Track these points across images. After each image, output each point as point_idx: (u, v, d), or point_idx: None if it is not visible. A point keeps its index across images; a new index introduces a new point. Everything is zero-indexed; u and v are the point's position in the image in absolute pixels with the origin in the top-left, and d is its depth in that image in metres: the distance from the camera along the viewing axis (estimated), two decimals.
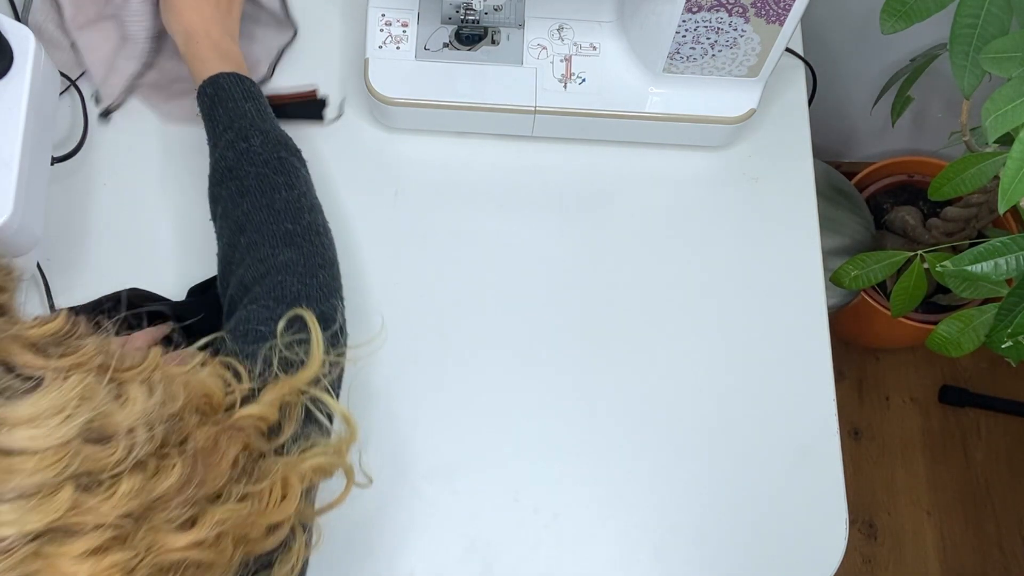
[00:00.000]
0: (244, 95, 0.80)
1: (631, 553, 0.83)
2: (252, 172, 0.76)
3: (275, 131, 0.80)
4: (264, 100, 0.82)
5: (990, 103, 0.75)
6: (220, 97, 0.79)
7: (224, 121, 0.78)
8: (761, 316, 0.91)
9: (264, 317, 0.68)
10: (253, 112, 0.79)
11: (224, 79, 0.80)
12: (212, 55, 0.81)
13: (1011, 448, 1.65)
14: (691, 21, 0.81)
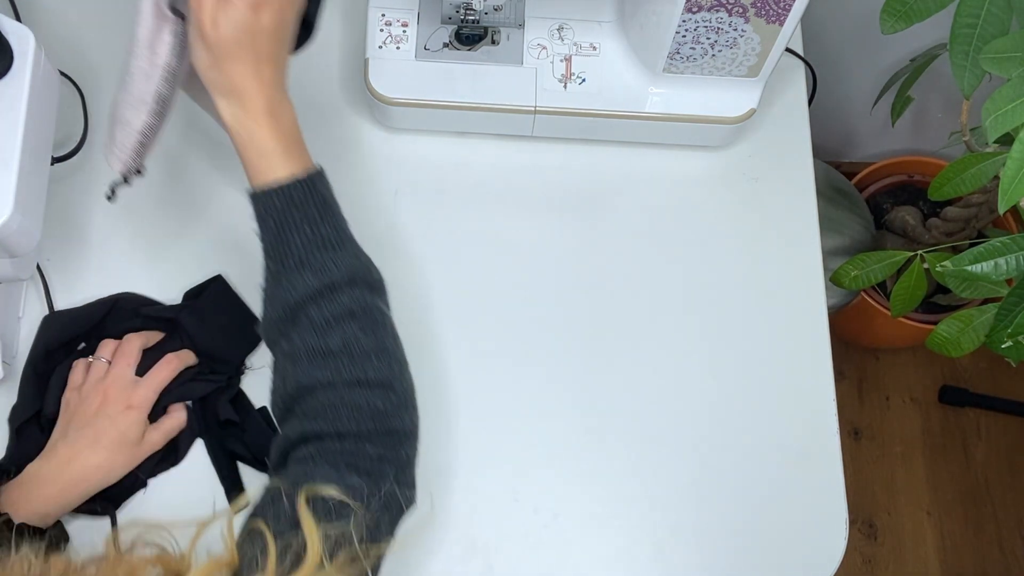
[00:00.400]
0: (320, 212, 0.65)
1: (631, 553, 0.83)
2: (338, 334, 0.64)
3: (358, 264, 0.67)
4: (338, 208, 0.68)
5: (990, 103, 0.75)
6: (292, 219, 0.64)
7: (297, 253, 0.64)
8: (761, 316, 0.91)
9: (328, 477, 0.60)
10: (333, 238, 0.65)
11: (297, 192, 0.64)
12: (273, 141, 0.65)
13: (1011, 448, 1.65)
14: (691, 21, 0.81)
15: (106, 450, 0.75)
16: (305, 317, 0.64)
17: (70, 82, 0.92)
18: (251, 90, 0.64)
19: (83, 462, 0.75)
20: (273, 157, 0.65)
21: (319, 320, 0.63)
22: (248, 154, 0.66)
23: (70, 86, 0.92)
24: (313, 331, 0.64)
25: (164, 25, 0.68)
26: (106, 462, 0.76)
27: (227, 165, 0.93)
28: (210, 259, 0.90)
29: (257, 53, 0.64)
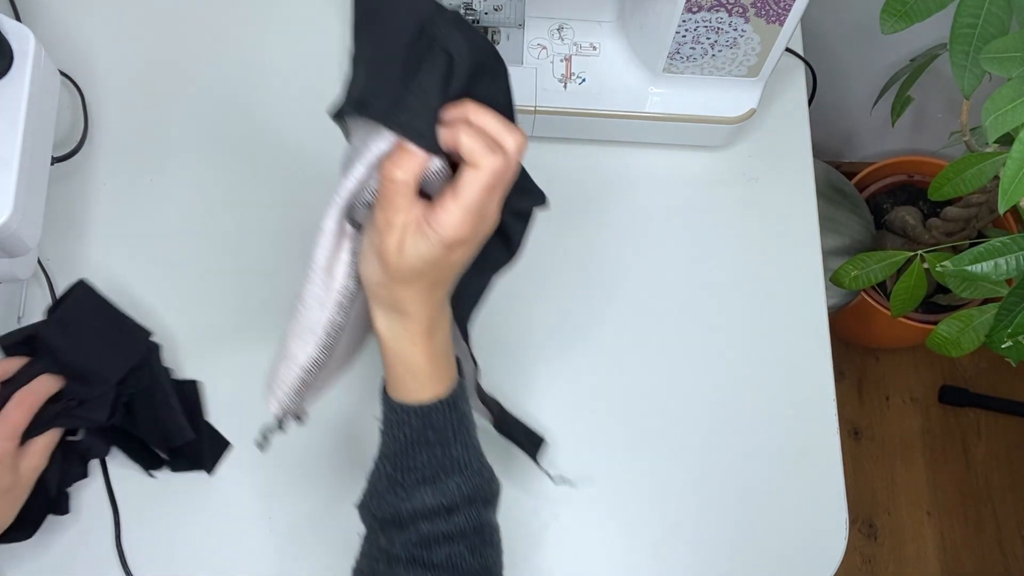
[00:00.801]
0: (455, 432, 0.62)
1: (631, 553, 0.83)
2: (445, 550, 0.61)
3: (480, 481, 0.63)
4: (472, 420, 0.65)
5: (990, 103, 0.75)
6: (425, 439, 0.62)
7: (422, 470, 0.61)
8: (761, 316, 0.91)
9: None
10: (462, 460, 0.62)
11: (437, 413, 0.62)
12: (425, 360, 0.61)
13: (1011, 448, 1.65)
14: (691, 21, 0.81)
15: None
16: (414, 529, 0.61)
17: (70, 82, 0.92)
18: (416, 312, 0.60)
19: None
20: (421, 377, 0.61)
21: (428, 535, 0.61)
22: (396, 367, 0.62)
23: (70, 86, 0.92)
24: (420, 544, 0.61)
25: (343, 243, 0.64)
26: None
27: (228, 166, 0.93)
28: (209, 258, 0.90)
29: (434, 281, 0.59)
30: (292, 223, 0.92)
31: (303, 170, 0.94)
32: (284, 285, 0.89)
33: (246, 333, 0.88)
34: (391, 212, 0.56)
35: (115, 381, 0.78)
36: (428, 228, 0.55)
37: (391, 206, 0.56)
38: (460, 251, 0.57)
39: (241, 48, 0.97)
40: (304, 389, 0.66)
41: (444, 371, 0.63)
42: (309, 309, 0.64)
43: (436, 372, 0.62)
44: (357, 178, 0.60)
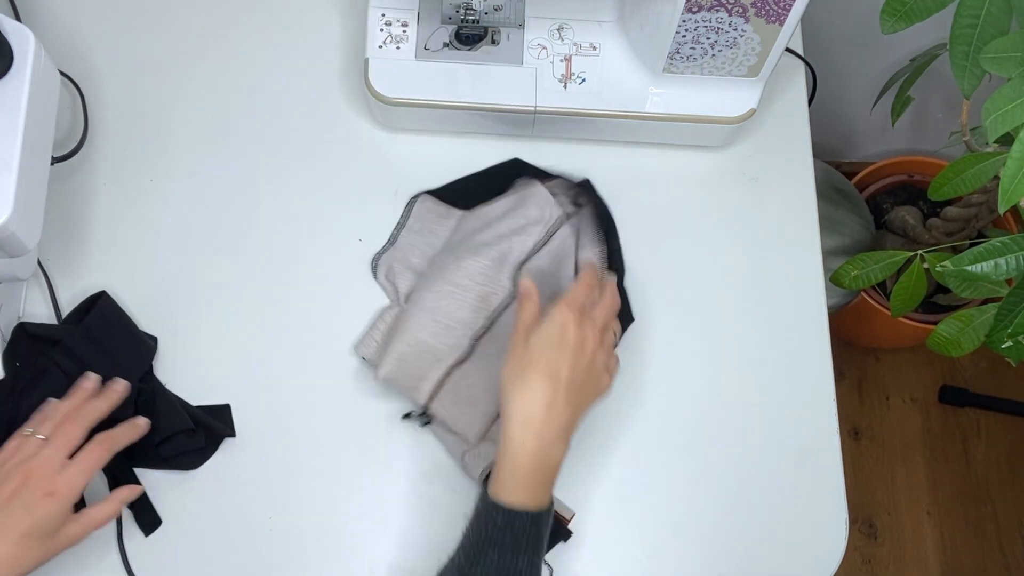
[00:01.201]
0: (526, 546, 0.68)
1: (631, 553, 0.83)
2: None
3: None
4: (543, 545, 0.70)
5: (990, 103, 0.74)
6: (502, 540, 0.67)
7: (490, 566, 0.67)
8: (761, 316, 0.91)
9: None
10: (525, 572, 0.68)
11: (520, 521, 0.67)
12: (529, 469, 0.68)
13: (1011, 448, 1.65)
14: (691, 21, 0.81)
15: (14, 542, 0.65)
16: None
17: (70, 82, 0.92)
18: (537, 419, 0.68)
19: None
20: (521, 482, 0.68)
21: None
22: (503, 463, 0.69)
23: (70, 86, 0.92)
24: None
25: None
26: (11, 556, 0.65)
27: (228, 166, 0.93)
28: (210, 258, 0.90)
29: (559, 382, 0.69)
30: (292, 222, 0.92)
31: (303, 170, 0.94)
32: (284, 284, 0.89)
33: (246, 333, 0.88)
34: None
35: (131, 386, 0.81)
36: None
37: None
38: (572, 330, 0.69)
39: (241, 48, 0.97)
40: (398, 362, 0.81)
41: (541, 490, 0.69)
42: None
43: (533, 485, 0.68)
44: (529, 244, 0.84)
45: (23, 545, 0.66)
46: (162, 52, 0.97)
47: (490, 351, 0.83)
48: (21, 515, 0.66)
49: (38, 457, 0.69)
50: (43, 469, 0.68)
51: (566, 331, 0.69)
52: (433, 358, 0.82)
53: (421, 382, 0.82)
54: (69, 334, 0.82)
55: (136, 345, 0.84)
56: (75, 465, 0.69)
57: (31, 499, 0.67)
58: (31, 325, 0.84)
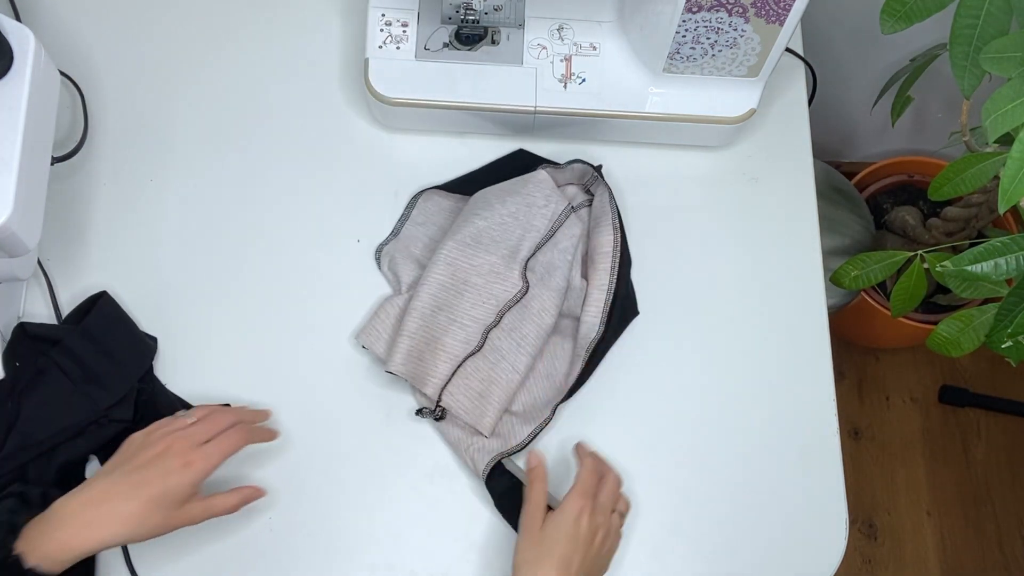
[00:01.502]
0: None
1: (631, 553, 0.83)
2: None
3: None
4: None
5: (990, 103, 0.74)
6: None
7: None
8: (761, 316, 0.91)
9: None
10: None
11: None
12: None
13: (1011, 448, 1.65)
14: (691, 21, 0.81)
15: (143, 503, 0.68)
16: None
17: (70, 82, 0.92)
18: None
19: (113, 507, 0.68)
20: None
21: None
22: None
23: (70, 86, 0.92)
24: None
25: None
26: (140, 514, 0.68)
27: (228, 165, 0.93)
28: (210, 258, 0.90)
29: (570, 572, 0.72)
30: (292, 222, 0.92)
31: (303, 170, 0.94)
32: (283, 284, 0.89)
33: (246, 333, 0.88)
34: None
35: (131, 386, 0.82)
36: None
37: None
38: (585, 521, 0.73)
39: (241, 48, 0.97)
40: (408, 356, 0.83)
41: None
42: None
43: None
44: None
45: (149, 508, 0.68)
46: (162, 52, 0.97)
47: (500, 345, 0.84)
48: (156, 479, 0.69)
49: (183, 431, 0.73)
50: (184, 442, 0.72)
51: (579, 523, 0.74)
52: (445, 353, 0.83)
53: (430, 376, 0.82)
54: (69, 334, 0.82)
55: (136, 345, 0.84)
56: (213, 445, 0.73)
57: (168, 466, 0.70)
58: (31, 325, 0.84)
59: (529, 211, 0.87)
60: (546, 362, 0.87)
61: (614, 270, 0.87)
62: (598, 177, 0.90)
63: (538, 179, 0.89)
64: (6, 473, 0.77)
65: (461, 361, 0.83)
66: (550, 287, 0.86)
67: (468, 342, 0.83)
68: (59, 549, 0.66)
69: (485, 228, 0.86)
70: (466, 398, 0.82)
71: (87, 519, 0.67)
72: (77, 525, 0.67)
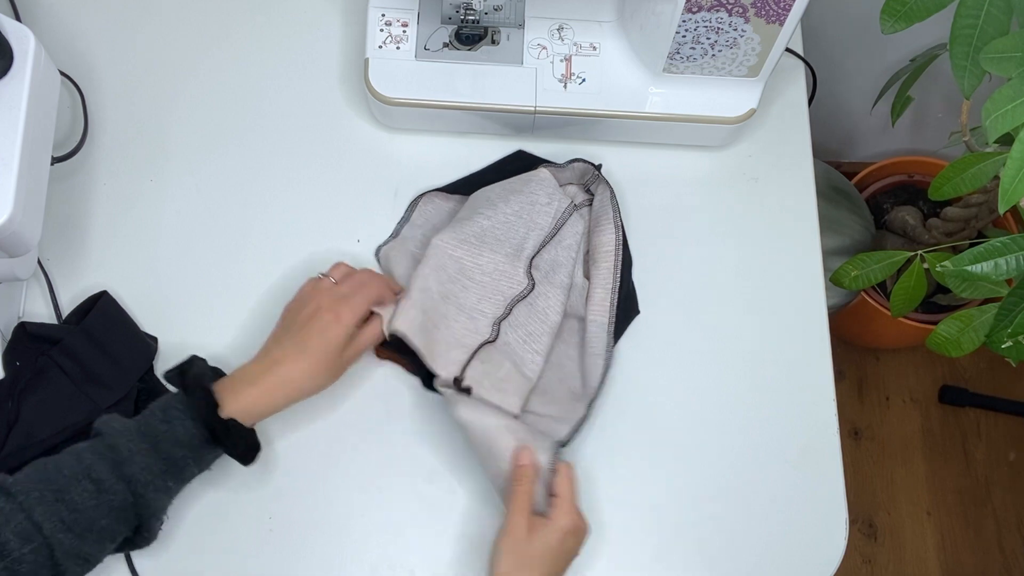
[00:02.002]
0: None
1: (631, 553, 0.83)
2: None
3: None
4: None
5: (990, 103, 0.74)
6: None
7: None
8: (761, 316, 0.91)
9: None
10: None
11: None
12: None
13: (1011, 448, 1.65)
14: (691, 21, 0.81)
15: (312, 357, 0.76)
16: None
17: (70, 82, 0.92)
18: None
19: (290, 366, 0.76)
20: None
21: None
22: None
23: (70, 86, 0.92)
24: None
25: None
26: (311, 368, 0.76)
27: (228, 166, 0.93)
28: (210, 258, 0.90)
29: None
30: (292, 222, 0.92)
31: (303, 170, 0.94)
32: (284, 284, 0.89)
33: (246, 333, 0.88)
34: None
35: (131, 386, 0.82)
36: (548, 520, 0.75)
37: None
38: (571, 540, 0.75)
39: (241, 48, 0.98)
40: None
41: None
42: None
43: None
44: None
45: (317, 362, 0.76)
46: (162, 52, 0.97)
47: (509, 340, 0.84)
48: (315, 336, 0.77)
49: (328, 291, 0.80)
50: (331, 298, 0.79)
51: (568, 541, 0.75)
52: (456, 340, 0.83)
53: (441, 359, 0.82)
54: (69, 334, 0.82)
55: (136, 345, 0.84)
56: (356, 296, 0.80)
57: (323, 322, 0.77)
58: (31, 325, 0.84)
59: (532, 209, 0.87)
60: (555, 365, 0.86)
61: (617, 268, 0.87)
62: (599, 176, 0.90)
63: (540, 177, 0.89)
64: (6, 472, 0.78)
65: (475, 350, 0.83)
66: (555, 284, 0.86)
67: (479, 332, 0.84)
68: (252, 404, 0.74)
69: (489, 227, 0.86)
70: (488, 382, 0.82)
71: (272, 380, 0.75)
72: (264, 385, 0.75)
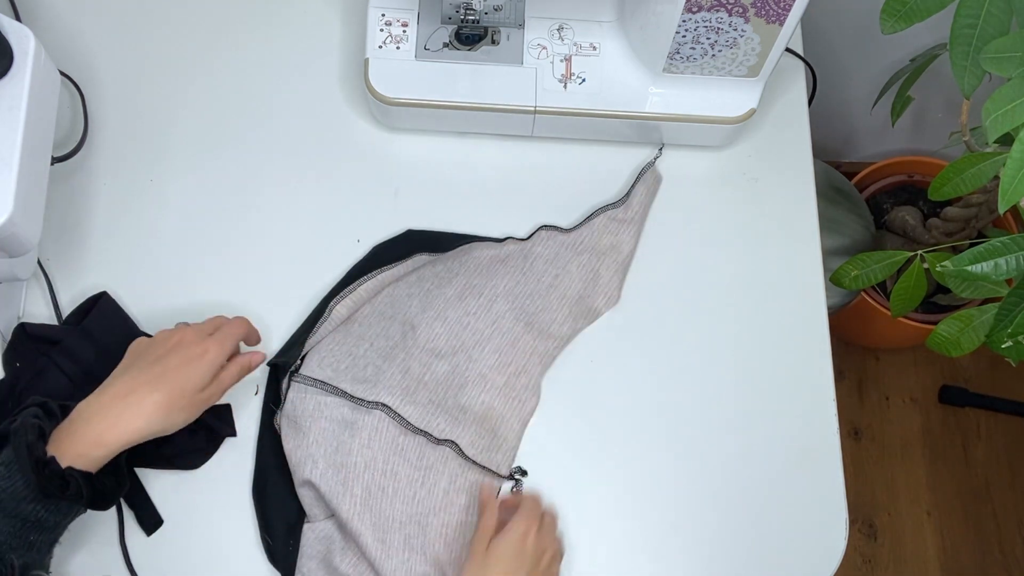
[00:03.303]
0: None
1: (631, 553, 0.83)
2: None
3: None
4: None
5: (990, 103, 0.74)
6: None
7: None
8: (761, 316, 0.91)
9: None
10: None
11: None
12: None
13: (1011, 448, 1.65)
14: (691, 21, 0.81)
15: (167, 390, 0.70)
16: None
17: (70, 82, 0.92)
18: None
19: (140, 398, 0.69)
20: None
21: None
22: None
23: (70, 86, 0.92)
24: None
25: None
26: (166, 402, 0.70)
27: (228, 166, 0.93)
28: (210, 258, 0.90)
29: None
30: (292, 222, 0.92)
31: (303, 170, 0.94)
32: (283, 284, 0.89)
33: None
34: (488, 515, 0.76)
35: None
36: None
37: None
38: (533, 539, 0.75)
39: (241, 48, 0.98)
40: None
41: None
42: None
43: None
44: None
45: (174, 396, 0.71)
46: (162, 52, 0.97)
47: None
48: (177, 368, 0.72)
49: (190, 328, 0.76)
50: (195, 334, 0.75)
51: (525, 540, 0.74)
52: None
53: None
54: (69, 335, 0.82)
55: None
56: (222, 333, 0.76)
57: (187, 354, 0.72)
58: (31, 325, 0.84)
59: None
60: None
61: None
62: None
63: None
64: None
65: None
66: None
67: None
68: (92, 445, 0.67)
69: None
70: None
71: (115, 414, 0.68)
72: (106, 421, 0.68)
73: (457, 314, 0.85)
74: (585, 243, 0.90)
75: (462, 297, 0.86)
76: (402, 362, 0.83)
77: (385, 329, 0.84)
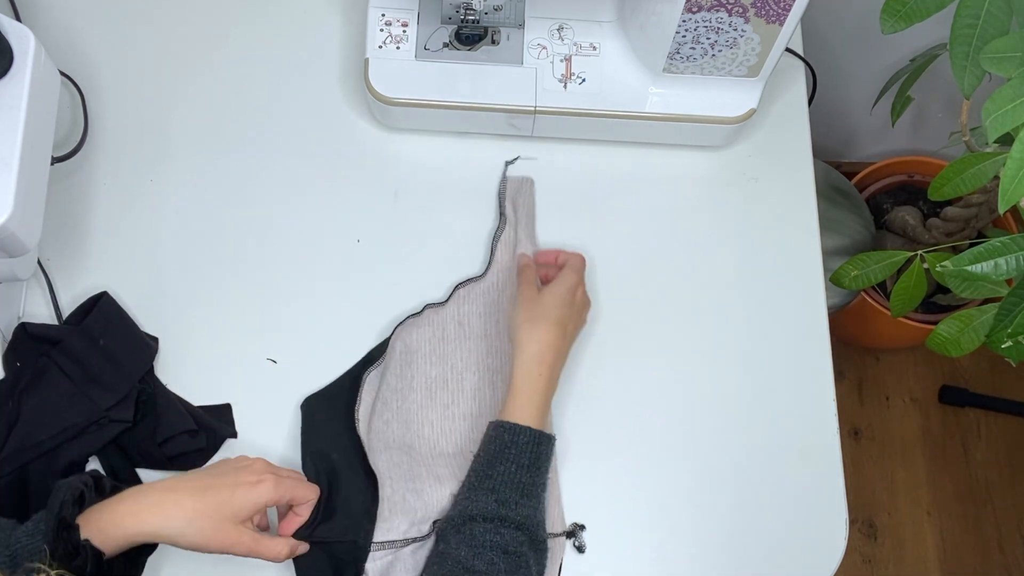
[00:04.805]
0: (530, 463, 0.76)
1: (631, 553, 0.83)
2: (486, 559, 0.71)
3: (533, 518, 0.75)
4: (547, 471, 0.78)
5: (990, 103, 0.74)
6: (508, 454, 0.76)
7: (494, 480, 0.75)
8: (761, 316, 0.91)
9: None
10: (528, 487, 0.75)
11: (524, 436, 0.76)
12: (537, 397, 0.78)
13: (1011, 448, 1.65)
14: (691, 21, 0.81)
15: (206, 502, 0.68)
16: (469, 530, 0.73)
17: (70, 82, 0.92)
18: (548, 358, 0.80)
19: (177, 497, 0.68)
20: (528, 406, 0.78)
21: (479, 538, 0.72)
22: (517, 391, 0.79)
23: (70, 86, 0.92)
24: (469, 545, 0.72)
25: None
26: (196, 511, 0.68)
27: (228, 166, 0.93)
28: (209, 258, 0.90)
29: (566, 333, 0.81)
30: (292, 222, 0.92)
31: (303, 170, 0.94)
32: (283, 284, 0.89)
33: (246, 333, 0.88)
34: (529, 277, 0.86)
35: (132, 386, 0.82)
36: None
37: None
38: (579, 298, 0.84)
39: (241, 48, 0.98)
40: None
41: (542, 415, 0.79)
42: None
43: (540, 409, 0.79)
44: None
45: (208, 509, 0.68)
46: (162, 52, 0.97)
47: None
48: (225, 486, 0.69)
49: (263, 460, 0.74)
50: (265, 465, 0.73)
51: (574, 293, 0.83)
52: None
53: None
54: (70, 334, 0.82)
55: (137, 345, 0.84)
56: (289, 479, 0.74)
57: (240, 478, 0.70)
58: (32, 325, 0.84)
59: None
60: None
61: None
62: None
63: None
64: (7, 474, 0.78)
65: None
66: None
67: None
68: (111, 523, 0.65)
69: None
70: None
71: (148, 503, 0.67)
72: (136, 505, 0.67)
73: (438, 412, 0.84)
74: (501, 278, 0.89)
75: (432, 395, 0.85)
76: (428, 475, 0.81)
77: (390, 459, 0.82)
